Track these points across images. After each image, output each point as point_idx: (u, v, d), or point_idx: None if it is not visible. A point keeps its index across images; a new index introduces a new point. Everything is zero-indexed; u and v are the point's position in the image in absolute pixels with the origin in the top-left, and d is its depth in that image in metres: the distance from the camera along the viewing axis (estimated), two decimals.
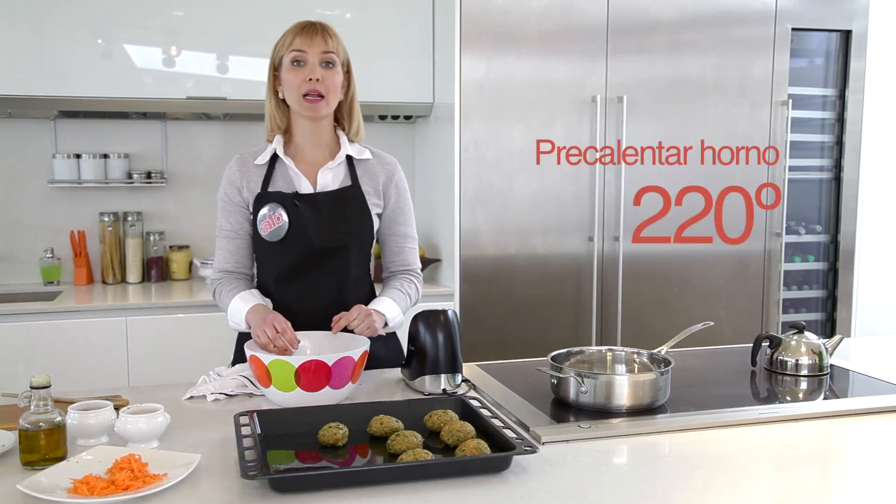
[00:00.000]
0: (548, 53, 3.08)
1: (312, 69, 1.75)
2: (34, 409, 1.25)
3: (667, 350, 1.69)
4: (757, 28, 3.30)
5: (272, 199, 1.79)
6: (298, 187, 1.82)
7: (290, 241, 1.78)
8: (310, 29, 1.78)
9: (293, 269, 1.81)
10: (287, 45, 1.78)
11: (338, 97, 1.82)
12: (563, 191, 3.15)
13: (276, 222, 1.77)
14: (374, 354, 1.78)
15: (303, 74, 1.75)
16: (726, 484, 1.22)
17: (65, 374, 2.58)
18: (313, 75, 1.75)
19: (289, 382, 1.52)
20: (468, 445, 1.27)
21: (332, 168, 1.84)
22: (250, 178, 1.83)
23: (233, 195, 1.84)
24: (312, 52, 1.76)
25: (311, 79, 1.75)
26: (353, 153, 1.86)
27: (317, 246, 1.79)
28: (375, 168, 1.88)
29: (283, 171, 1.83)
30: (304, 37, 1.76)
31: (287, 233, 1.77)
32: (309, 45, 1.76)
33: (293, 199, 1.78)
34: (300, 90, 1.76)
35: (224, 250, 1.85)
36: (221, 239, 1.86)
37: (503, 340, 3.10)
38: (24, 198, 3.29)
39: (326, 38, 1.77)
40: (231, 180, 1.84)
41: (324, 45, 1.76)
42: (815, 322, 3.64)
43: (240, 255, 1.85)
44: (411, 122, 3.48)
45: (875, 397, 1.65)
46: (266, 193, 1.80)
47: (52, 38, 2.95)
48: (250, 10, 3.10)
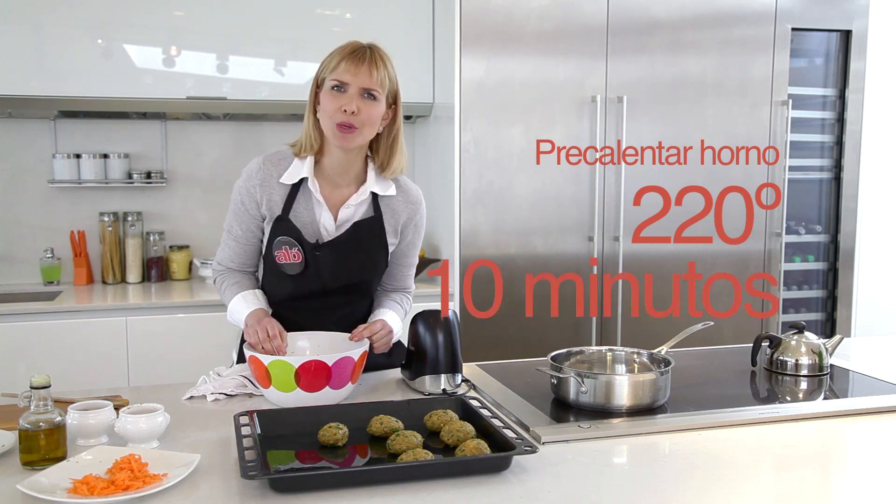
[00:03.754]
0: (548, 53, 3.08)
1: (350, 100, 1.64)
2: (34, 409, 1.25)
3: (667, 350, 1.69)
4: (757, 28, 3.29)
5: (291, 234, 1.72)
6: (319, 218, 1.74)
7: (304, 279, 1.75)
8: (358, 56, 1.66)
9: (299, 299, 1.79)
10: (331, 67, 1.66)
11: (374, 130, 1.72)
12: (563, 191, 3.15)
13: (291, 258, 1.72)
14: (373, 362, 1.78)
15: (339, 103, 1.65)
16: (726, 484, 1.22)
17: (65, 374, 2.58)
18: (349, 107, 1.64)
19: (288, 383, 1.52)
20: (468, 445, 1.27)
21: (355, 205, 1.76)
22: (272, 195, 1.73)
23: (250, 207, 1.76)
24: (354, 83, 1.65)
25: (346, 110, 1.64)
26: (377, 190, 1.77)
27: (329, 286, 1.77)
28: (399, 206, 1.81)
29: (307, 197, 1.74)
30: (349, 64, 1.65)
31: (301, 271, 1.73)
32: (353, 75, 1.64)
33: (313, 249, 1.72)
34: (334, 118, 1.66)
35: (231, 250, 1.82)
36: (231, 240, 1.81)
37: (503, 340, 3.10)
38: (24, 198, 3.29)
39: (372, 71, 1.65)
40: (250, 192, 1.74)
41: (368, 78, 1.65)
42: (815, 322, 3.64)
43: (246, 257, 1.83)
44: (411, 122, 3.48)
45: (875, 397, 1.65)
46: (286, 222, 1.72)
47: (51, 38, 2.95)
48: (250, 10, 3.10)
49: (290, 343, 1.69)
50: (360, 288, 1.83)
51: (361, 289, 1.83)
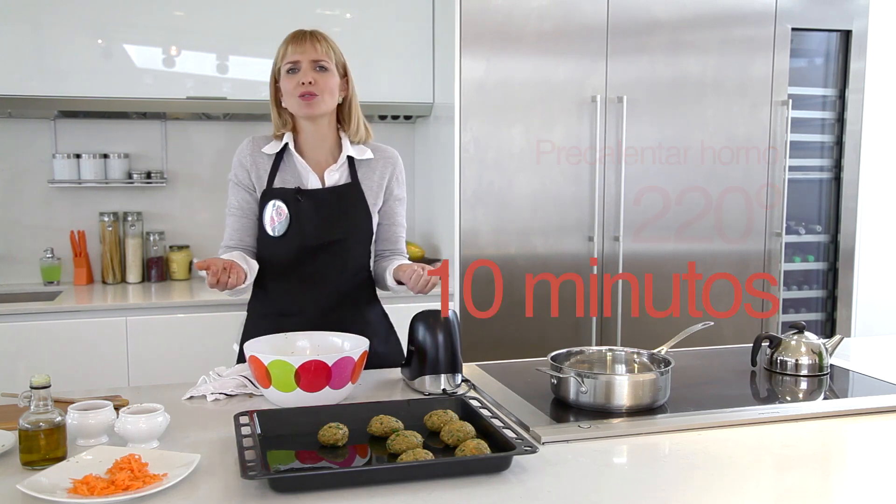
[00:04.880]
0: (548, 53, 3.08)
1: (305, 74, 1.82)
2: (34, 409, 1.25)
3: (667, 350, 1.69)
4: (757, 28, 3.30)
5: (275, 196, 1.85)
6: (306, 181, 1.88)
7: (287, 237, 1.84)
8: (300, 37, 1.85)
9: (290, 264, 1.86)
10: (281, 56, 1.85)
11: (334, 98, 1.87)
12: (563, 191, 3.15)
13: (278, 218, 1.84)
14: (374, 353, 1.79)
15: (296, 80, 1.82)
16: (726, 484, 1.22)
17: (65, 374, 2.59)
18: (305, 79, 1.82)
19: (288, 383, 1.52)
20: (468, 445, 1.27)
21: (337, 169, 1.91)
22: (259, 165, 1.89)
23: (242, 177, 1.90)
24: (304, 59, 1.83)
25: (303, 82, 1.81)
26: (354, 154, 1.92)
27: (313, 242, 1.84)
28: (377, 164, 1.95)
29: (292, 165, 1.89)
30: (295, 45, 1.84)
31: (287, 228, 1.83)
32: (301, 53, 1.83)
33: (295, 193, 1.84)
34: (295, 93, 1.83)
35: (230, 228, 1.91)
36: (230, 217, 1.91)
37: (503, 340, 3.10)
38: (24, 198, 3.29)
39: (316, 45, 1.84)
40: (242, 163, 1.90)
41: (314, 51, 1.83)
42: (815, 322, 3.64)
43: (244, 232, 1.91)
44: (411, 122, 3.48)
45: (875, 397, 1.65)
46: (271, 190, 1.86)
47: (51, 38, 2.95)
48: (250, 10, 3.10)
49: (290, 343, 1.70)
50: (343, 249, 1.88)
51: (344, 251, 1.88)
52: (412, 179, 3.35)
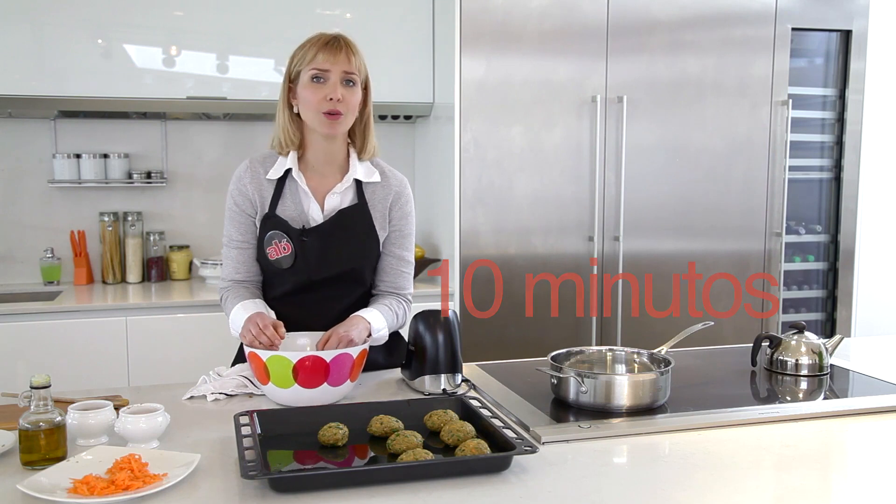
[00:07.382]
0: (548, 53, 3.08)
1: (334, 88, 1.67)
2: (34, 409, 1.25)
3: (667, 350, 1.69)
4: (757, 28, 3.30)
5: (279, 227, 1.74)
6: (307, 209, 1.76)
7: (294, 270, 1.75)
8: (333, 45, 1.69)
9: (296, 293, 1.79)
10: (308, 60, 1.69)
11: (355, 115, 1.75)
12: (563, 191, 3.15)
13: (282, 251, 1.74)
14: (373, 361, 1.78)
15: (323, 93, 1.68)
16: (726, 484, 1.22)
17: (65, 374, 2.59)
18: (335, 94, 1.67)
19: (287, 378, 1.52)
20: (468, 445, 1.27)
21: (340, 192, 1.78)
22: (262, 191, 1.77)
23: (244, 206, 1.78)
24: (335, 70, 1.68)
25: (331, 98, 1.67)
26: (361, 176, 1.80)
27: (318, 277, 1.76)
28: (383, 190, 1.83)
29: (293, 190, 1.77)
30: (327, 52, 1.68)
31: (293, 263, 1.74)
32: (333, 63, 1.67)
33: (300, 234, 1.73)
34: (320, 108, 1.68)
35: (234, 260, 1.80)
36: (231, 249, 1.80)
37: (503, 340, 3.10)
38: (24, 198, 3.30)
39: (350, 57, 1.69)
40: (242, 191, 1.77)
41: (347, 63, 1.69)
42: (815, 322, 3.64)
43: (250, 264, 1.81)
44: (411, 122, 3.48)
45: (875, 397, 1.65)
46: (274, 217, 1.75)
47: (51, 38, 2.95)
48: (250, 10, 3.10)
49: (291, 341, 1.69)
50: (353, 278, 1.80)
51: (354, 279, 1.81)
52: (412, 180, 3.35)
